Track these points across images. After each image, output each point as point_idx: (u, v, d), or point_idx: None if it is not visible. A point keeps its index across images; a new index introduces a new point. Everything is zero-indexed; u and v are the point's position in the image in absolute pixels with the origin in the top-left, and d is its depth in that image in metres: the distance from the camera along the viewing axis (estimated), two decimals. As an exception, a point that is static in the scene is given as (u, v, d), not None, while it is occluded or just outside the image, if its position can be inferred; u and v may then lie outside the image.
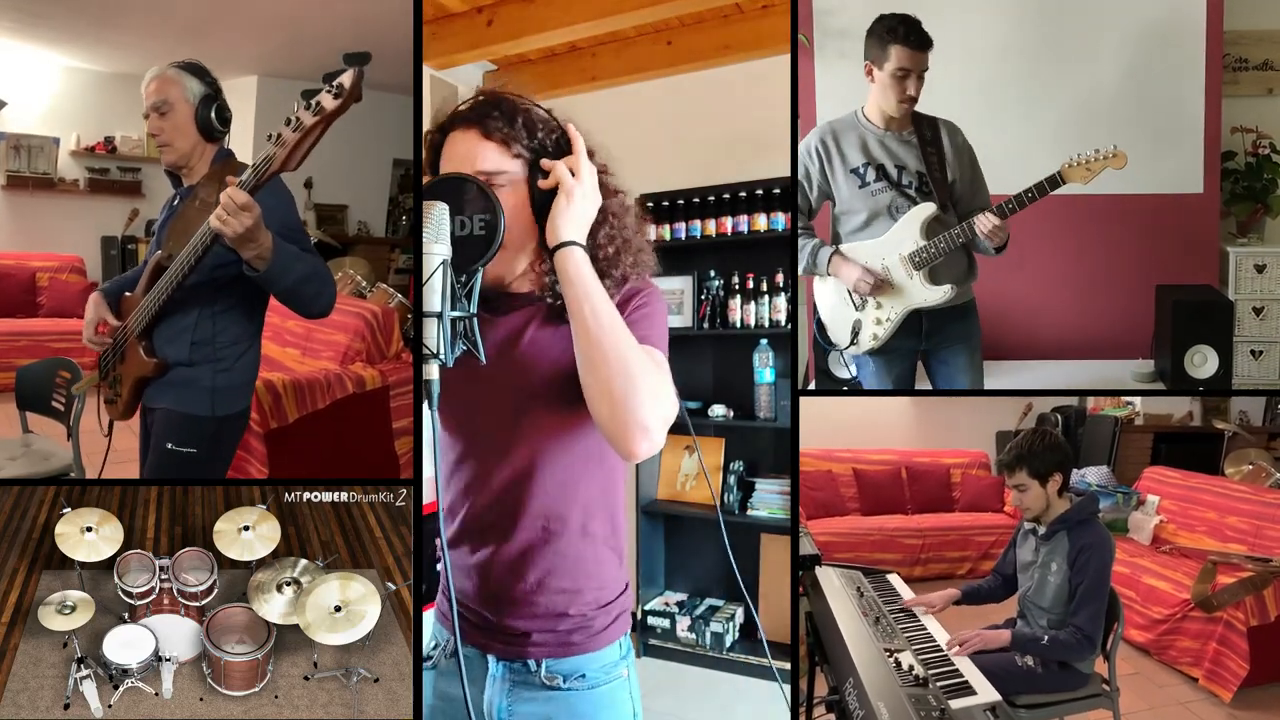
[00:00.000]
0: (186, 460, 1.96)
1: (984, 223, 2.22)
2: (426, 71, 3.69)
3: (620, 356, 1.11)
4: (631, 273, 1.25)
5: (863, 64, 2.34)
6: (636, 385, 1.10)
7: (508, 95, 1.24)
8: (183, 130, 1.98)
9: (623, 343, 1.12)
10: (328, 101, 1.51)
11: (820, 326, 2.49)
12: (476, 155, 1.20)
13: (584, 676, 1.27)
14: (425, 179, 1.25)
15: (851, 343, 2.41)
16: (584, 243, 1.17)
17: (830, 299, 2.45)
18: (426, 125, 1.29)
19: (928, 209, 2.29)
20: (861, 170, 2.33)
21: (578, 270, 1.14)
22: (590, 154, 1.24)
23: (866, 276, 2.32)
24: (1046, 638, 2.18)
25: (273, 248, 1.72)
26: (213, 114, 1.98)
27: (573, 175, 1.19)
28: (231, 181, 1.63)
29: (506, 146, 1.20)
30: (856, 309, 2.39)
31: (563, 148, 1.23)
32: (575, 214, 1.17)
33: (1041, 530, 2.28)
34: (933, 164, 2.29)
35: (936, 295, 2.32)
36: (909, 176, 2.31)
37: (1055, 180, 2.21)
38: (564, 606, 1.26)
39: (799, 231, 2.43)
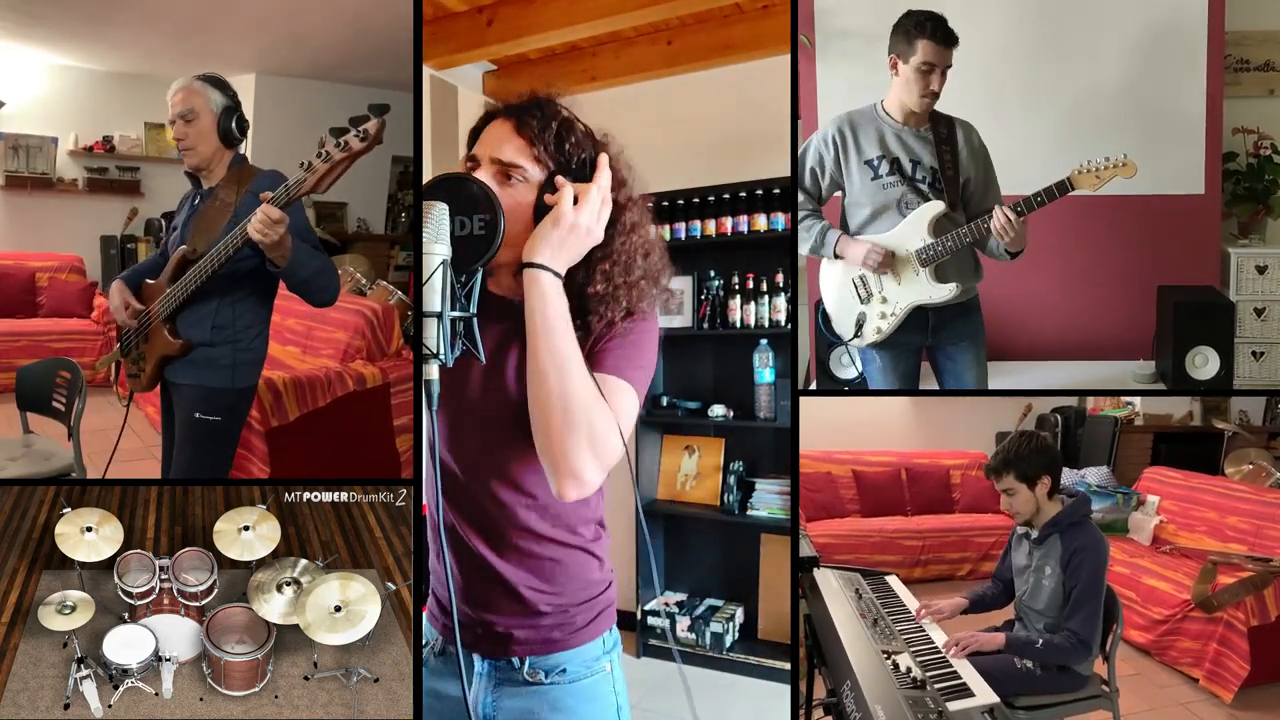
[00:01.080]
0: (213, 427, 2.18)
1: (998, 217, 2.19)
2: (426, 71, 3.69)
3: (563, 396, 1.11)
4: (620, 316, 1.21)
5: (865, 65, 2.34)
6: (574, 429, 1.10)
7: (554, 102, 1.24)
8: (206, 137, 2.18)
9: (571, 382, 1.11)
10: (355, 144, 1.78)
11: (824, 318, 2.49)
12: (502, 144, 1.21)
13: (565, 671, 1.28)
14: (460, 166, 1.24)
15: (855, 335, 2.41)
16: (558, 270, 1.15)
17: (836, 290, 2.45)
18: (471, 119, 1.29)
19: (936, 207, 2.29)
20: (875, 162, 2.33)
21: (542, 297, 1.13)
22: (620, 184, 1.23)
23: (875, 251, 2.31)
24: (1041, 641, 2.17)
25: (291, 248, 1.96)
26: (233, 124, 2.19)
27: (575, 204, 1.17)
28: (265, 198, 1.87)
29: (531, 146, 1.20)
30: (862, 301, 2.39)
31: (588, 172, 1.21)
32: (556, 240, 1.15)
33: (1034, 534, 2.27)
34: (946, 162, 2.29)
35: (942, 293, 2.32)
36: (923, 172, 2.31)
37: (1065, 186, 2.20)
38: (544, 607, 1.27)
39: (805, 214, 2.41)
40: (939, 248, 2.29)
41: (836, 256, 2.39)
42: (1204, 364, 2.68)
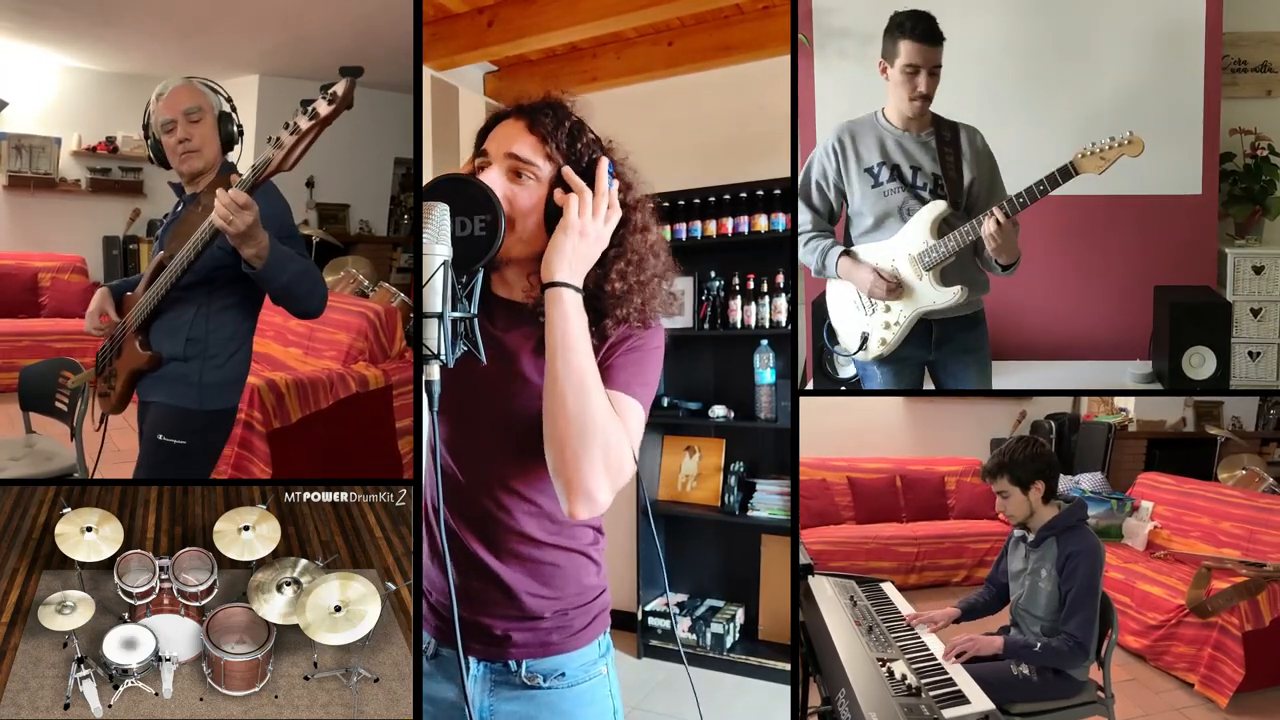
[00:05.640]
0: (176, 452, 2.01)
1: (987, 224, 2.11)
2: (427, 72, 3.69)
3: (581, 417, 1.11)
4: (636, 316, 1.22)
5: (861, 63, 2.31)
6: (589, 449, 1.11)
7: (566, 104, 1.25)
8: (209, 139, 2.07)
9: (589, 401, 1.12)
10: (322, 108, 1.65)
11: (830, 332, 2.43)
12: (515, 140, 1.21)
13: (563, 675, 1.28)
14: (462, 168, 1.24)
15: (860, 349, 2.35)
16: (577, 284, 1.15)
17: (841, 304, 2.39)
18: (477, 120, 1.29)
19: (938, 207, 2.22)
20: (876, 170, 2.28)
21: (563, 316, 1.13)
22: (627, 187, 1.24)
23: (880, 281, 2.25)
24: (1039, 645, 2.17)
25: (269, 247, 1.81)
26: (234, 127, 2.10)
27: (579, 212, 1.16)
28: (233, 180, 1.74)
29: (544, 143, 1.20)
30: (866, 314, 2.33)
31: (592, 176, 1.20)
32: (569, 251, 1.15)
33: (1031, 538, 2.28)
34: (949, 165, 2.24)
35: (947, 297, 2.23)
36: (924, 178, 2.25)
37: (1068, 171, 2.10)
38: (542, 610, 1.27)
39: (814, 234, 2.35)
40: (942, 249, 2.21)
41: (840, 277, 2.33)
42: (1201, 364, 2.68)
